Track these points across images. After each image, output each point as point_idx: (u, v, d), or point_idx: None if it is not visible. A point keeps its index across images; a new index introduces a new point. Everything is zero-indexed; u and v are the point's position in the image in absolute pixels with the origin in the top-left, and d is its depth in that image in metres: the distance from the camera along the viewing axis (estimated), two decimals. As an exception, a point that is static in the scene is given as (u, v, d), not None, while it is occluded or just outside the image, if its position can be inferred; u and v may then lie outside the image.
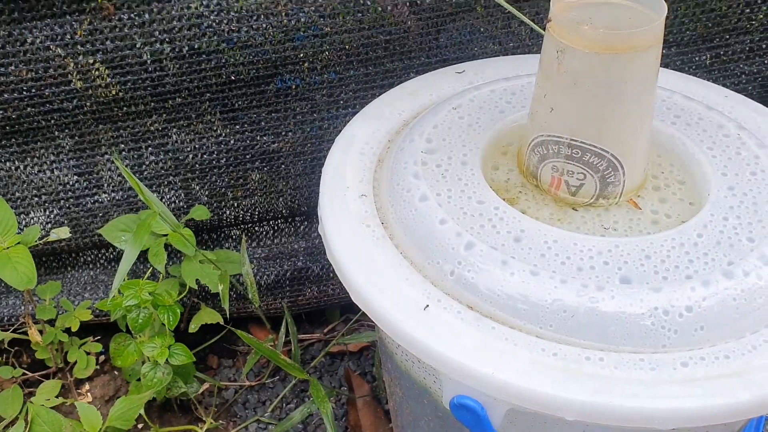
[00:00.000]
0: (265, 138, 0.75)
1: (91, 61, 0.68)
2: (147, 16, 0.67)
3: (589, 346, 0.44)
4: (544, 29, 0.50)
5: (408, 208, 0.52)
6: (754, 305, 0.45)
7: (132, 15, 0.67)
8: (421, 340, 0.45)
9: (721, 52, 0.77)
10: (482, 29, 0.72)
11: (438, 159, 0.55)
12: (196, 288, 0.74)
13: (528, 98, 0.60)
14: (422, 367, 0.53)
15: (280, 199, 0.79)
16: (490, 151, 0.57)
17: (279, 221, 0.82)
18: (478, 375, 0.43)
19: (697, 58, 0.77)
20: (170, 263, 0.82)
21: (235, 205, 0.79)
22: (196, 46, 0.68)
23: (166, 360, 0.69)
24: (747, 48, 0.77)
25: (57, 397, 0.80)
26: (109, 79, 0.69)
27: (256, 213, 0.80)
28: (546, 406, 0.42)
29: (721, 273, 0.46)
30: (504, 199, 0.52)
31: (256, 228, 0.82)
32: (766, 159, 0.53)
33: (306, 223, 0.83)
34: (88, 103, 0.71)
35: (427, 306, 0.47)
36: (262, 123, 0.74)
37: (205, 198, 0.78)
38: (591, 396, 0.42)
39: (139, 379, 0.73)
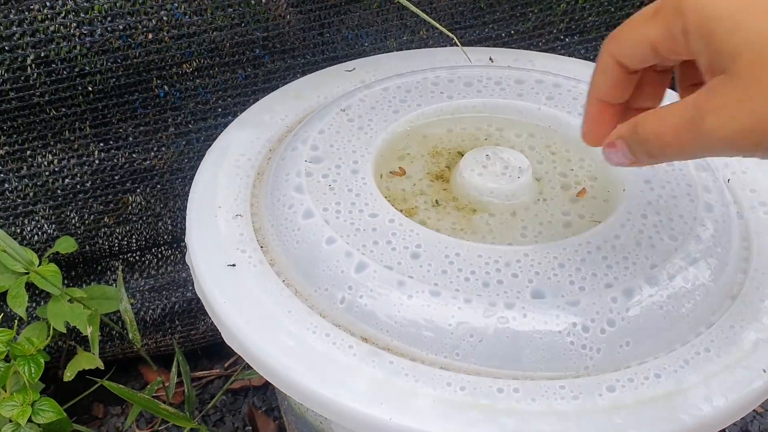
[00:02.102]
0: (135, 155, 0.66)
1: None
2: (-21, 21, 0.57)
3: (502, 375, 0.38)
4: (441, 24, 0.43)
5: (290, 228, 0.45)
6: (682, 312, 0.40)
7: (-39, 21, 0.57)
8: (306, 385, 0.38)
9: (626, 38, 0.73)
10: (373, 23, 0.66)
11: (325, 168, 0.48)
12: (65, 331, 0.64)
13: (425, 95, 0.54)
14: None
15: (160, 223, 0.70)
16: (384, 156, 0.51)
17: (163, 248, 0.73)
18: (373, 422, 0.36)
19: (601, 46, 0.73)
20: (40, 304, 0.72)
21: (109, 233, 0.70)
22: (43, 55, 0.59)
23: (30, 419, 0.60)
24: (652, 33, 0.74)
25: None
26: (-59, 98, 0.59)
27: (134, 241, 0.71)
28: (456, 453, 0.36)
29: (644, 278, 0.40)
30: (401, 210, 0.46)
31: (138, 257, 0.73)
32: (682, 147, 0.49)
33: (194, 247, 0.74)
34: None
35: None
36: (131, 138, 0.65)
37: (77, 227, 0.69)
38: (507, 437, 0.35)
39: (4, 443, 0.63)
